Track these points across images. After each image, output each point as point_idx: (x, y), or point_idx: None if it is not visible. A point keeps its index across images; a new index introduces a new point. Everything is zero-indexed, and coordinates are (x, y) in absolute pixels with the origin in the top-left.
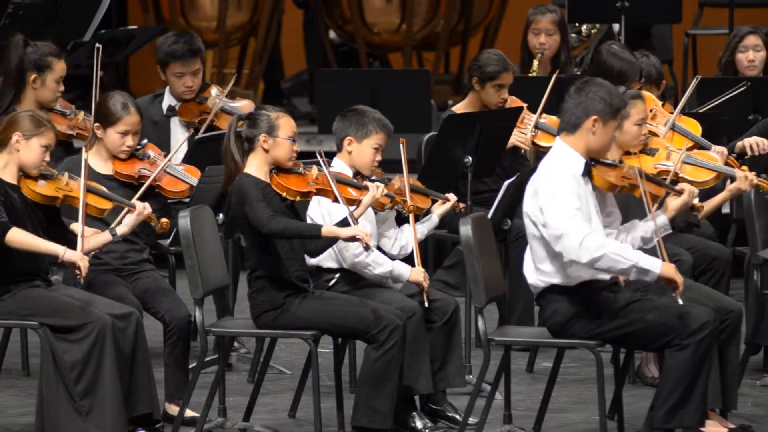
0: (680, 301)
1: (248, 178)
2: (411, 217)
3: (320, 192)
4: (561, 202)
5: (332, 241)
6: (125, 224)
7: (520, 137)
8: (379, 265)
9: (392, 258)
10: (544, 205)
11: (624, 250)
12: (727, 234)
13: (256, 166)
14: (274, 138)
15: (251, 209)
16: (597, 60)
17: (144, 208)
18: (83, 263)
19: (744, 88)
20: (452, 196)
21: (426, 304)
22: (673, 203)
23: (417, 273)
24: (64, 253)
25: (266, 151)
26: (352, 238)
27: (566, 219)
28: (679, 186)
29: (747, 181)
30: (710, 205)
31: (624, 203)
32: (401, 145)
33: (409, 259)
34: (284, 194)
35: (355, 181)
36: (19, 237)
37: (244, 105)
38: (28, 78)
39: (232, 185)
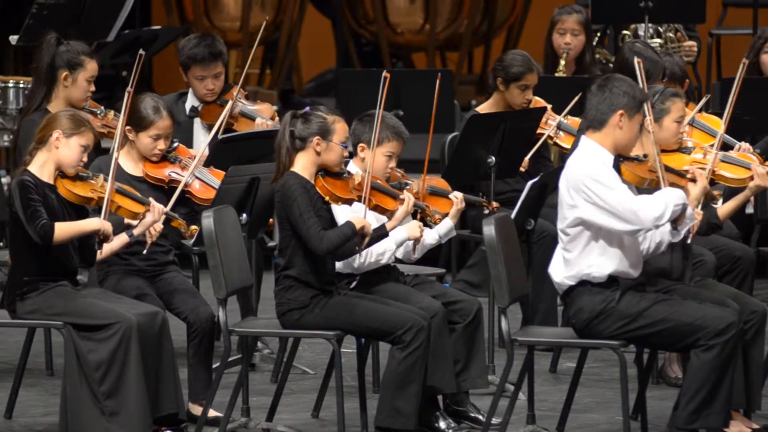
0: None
1: (296, 180)
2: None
3: (359, 199)
4: (613, 185)
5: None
6: (141, 224)
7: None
8: (382, 254)
9: (398, 259)
10: (600, 194)
11: (670, 195)
12: (750, 234)
13: (303, 166)
14: (328, 142)
15: (303, 223)
16: (620, 58)
17: (154, 207)
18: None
19: (705, 100)
20: (457, 194)
21: (414, 256)
22: (693, 192)
23: (412, 229)
24: (101, 223)
25: (318, 153)
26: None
27: (628, 196)
28: (691, 174)
29: (764, 176)
30: (731, 206)
31: None
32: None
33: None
34: (327, 198)
35: (393, 189)
36: (61, 230)
37: (263, 108)
38: (60, 75)
39: (278, 182)
